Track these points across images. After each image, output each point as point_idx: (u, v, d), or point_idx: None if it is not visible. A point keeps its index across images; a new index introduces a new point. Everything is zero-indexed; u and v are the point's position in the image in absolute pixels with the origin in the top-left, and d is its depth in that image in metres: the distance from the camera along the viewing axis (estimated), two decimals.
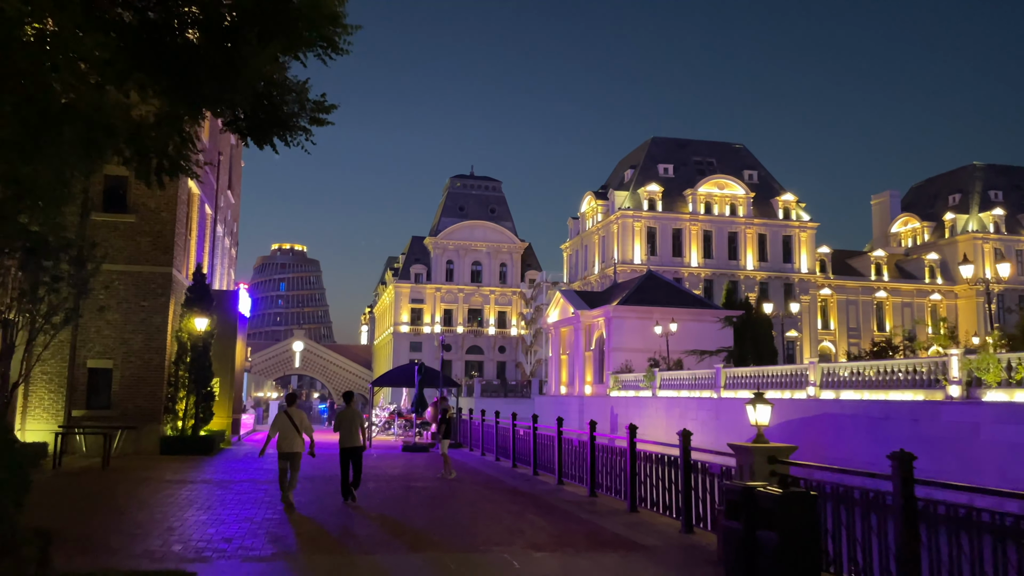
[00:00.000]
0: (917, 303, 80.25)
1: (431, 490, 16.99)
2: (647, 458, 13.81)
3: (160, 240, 24.72)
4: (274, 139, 9.71)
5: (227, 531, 11.37)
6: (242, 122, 9.77)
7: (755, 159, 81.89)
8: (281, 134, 9.61)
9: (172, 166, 8.87)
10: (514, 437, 22.48)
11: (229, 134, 37.04)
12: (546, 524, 12.60)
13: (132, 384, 24.19)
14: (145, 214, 24.69)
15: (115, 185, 24.58)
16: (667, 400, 39.08)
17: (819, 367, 28.13)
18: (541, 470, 20.04)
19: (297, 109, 9.76)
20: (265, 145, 9.79)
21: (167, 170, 8.94)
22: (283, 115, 9.53)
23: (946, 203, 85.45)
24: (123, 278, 24.31)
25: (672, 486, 12.76)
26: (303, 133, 9.66)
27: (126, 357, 24.24)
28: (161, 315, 24.55)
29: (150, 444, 24.02)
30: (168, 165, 8.80)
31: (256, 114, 9.37)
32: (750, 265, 75.08)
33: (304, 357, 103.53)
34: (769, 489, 8.21)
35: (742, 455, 10.16)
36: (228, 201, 37.80)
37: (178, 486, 16.49)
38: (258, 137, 9.72)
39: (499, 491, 16.96)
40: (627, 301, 48.66)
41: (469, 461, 24.26)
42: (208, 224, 31.85)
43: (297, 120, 9.69)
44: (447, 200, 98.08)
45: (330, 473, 18.09)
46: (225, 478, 18.23)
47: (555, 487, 17.52)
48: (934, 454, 22.83)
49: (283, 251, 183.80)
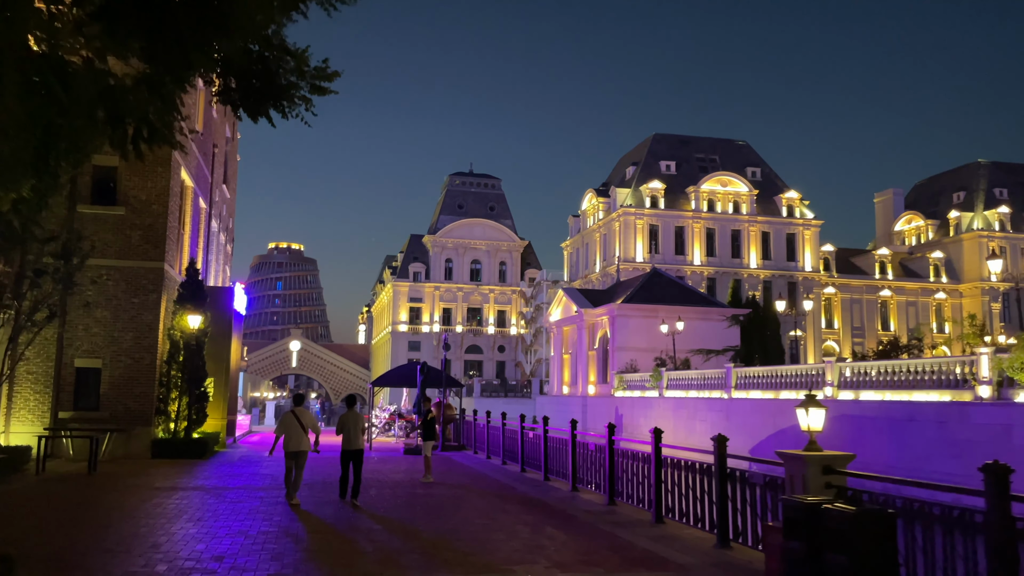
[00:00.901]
0: (922, 302, 79.34)
1: (438, 498, 15.93)
2: (675, 465, 12.77)
3: (151, 234, 23.63)
4: (270, 110, 8.62)
5: (219, 547, 10.31)
6: (234, 92, 8.68)
7: (758, 156, 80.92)
8: (278, 104, 8.54)
9: (152, 134, 7.78)
10: (523, 440, 21.42)
11: (225, 125, 35.99)
12: (567, 538, 11.55)
13: (122, 384, 23.10)
14: (136, 207, 23.59)
15: (104, 176, 23.49)
16: (675, 400, 38.06)
17: (836, 366, 27.12)
18: (552, 475, 19.01)
19: (295, 78, 8.70)
20: (260, 117, 8.71)
21: (146, 138, 7.86)
22: (280, 83, 8.45)
23: (951, 201, 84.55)
24: (112, 273, 23.22)
25: (704, 496, 11.71)
26: (303, 103, 8.58)
27: (115, 356, 23.14)
28: (152, 312, 23.45)
29: (141, 447, 22.94)
30: (147, 133, 7.71)
31: (249, 81, 8.30)
32: (753, 263, 74.09)
33: (301, 357, 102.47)
34: (839, 506, 7.15)
35: (793, 464, 9.11)
36: (223, 196, 36.70)
37: (167, 494, 15.41)
38: (252, 108, 8.65)
39: (511, 499, 15.90)
40: (632, 299, 47.63)
41: (475, 465, 23.20)
42: (202, 219, 30.76)
43: (296, 89, 8.60)
44: (446, 198, 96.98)
45: (330, 479, 17.08)
46: (218, 484, 17.15)
47: (569, 494, 16.48)
48: (962, 458, 21.81)
49: (280, 250, 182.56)
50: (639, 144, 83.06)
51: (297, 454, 14.17)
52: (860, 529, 6.85)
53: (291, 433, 14.13)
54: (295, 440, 14.10)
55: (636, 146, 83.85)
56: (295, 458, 14.18)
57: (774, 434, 29.76)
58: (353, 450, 14.64)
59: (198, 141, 28.31)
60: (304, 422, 14.22)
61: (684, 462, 12.62)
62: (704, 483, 11.77)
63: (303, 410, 14.48)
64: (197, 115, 28.33)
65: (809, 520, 7.33)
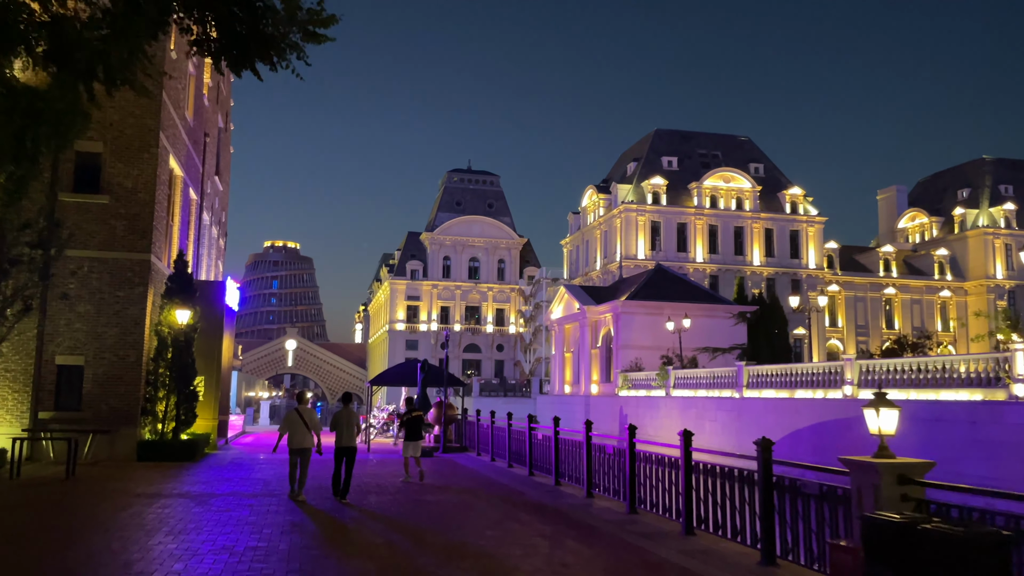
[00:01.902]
0: (927, 300, 78.27)
1: (444, 505, 14.70)
2: (707, 471, 11.54)
3: (137, 224, 22.34)
4: (256, 62, 7.37)
5: (199, 567, 9.07)
6: (214, 41, 7.43)
7: (761, 152, 79.78)
8: (265, 54, 7.28)
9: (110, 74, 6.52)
10: (531, 441, 20.19)
11: (217, 115, 34.69)
12: (592, 553, 10.34)
13: (106, 383, 21.82)
14: (121, 195, 22.31)
15: (87, 162, 22.21)
16: (682, 400, 36.86)
17: (857, 364, 25.94)
18: (564, 479, 17.79)
19: (283, 29, 7.45)
20: (245, 70, 7.45)
21: (103, 78, 6.61)
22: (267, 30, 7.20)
23: (955, 198, 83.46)
24: (96, 265, 21.94)
25: (745, 507, 10.48)
26: (294, 51, 7.33)
27: (99, 353, 21.86)
28: (138, 306, 22.17)
29: (126, 449, 21.67)
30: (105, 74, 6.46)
31: (231, 26, 7.04)
32: (756, 260, 72.96)
33: (297, 356, 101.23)
34: (940, 526, 5.94)
35: (862, 473, 7.89)
36: (216, 188, 35.41)
37: (148, 501, 14.15)
38: (236, 59, 7.41)
39: (522, 506, 14.67)
40: (636, 296, 46.42)
41: (479, 468, 21.96)
42: (193, 211, 29.48)
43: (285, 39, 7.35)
44: (444, 195, 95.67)
45: (324, 484, 15.81)
46: (205, 491, 15.89)
47: (584, 500, 15.26)
48: (996, 459, 20.65)
49: (276, 248, 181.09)
50: (640, 140, 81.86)
51: (301, 451, 14.46)
52: (970, 556, 5.64)
53: (295, 431, 14.42)
54: (299, 438, 14.40)
55: (637, 142, 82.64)
56: (300, 455, 14.45)
57: (789, 435, 28.57)
58: (347, 447, 14.80)
59: (187, 128, 27.04)
60: (307, 420, 14.49)
61: (720, 468, 11.40)
62: (744, 493, 10.55)
63: (307, 408, 14.74)
64: (187, 101, 27.08)
65: (900, 542, 6.12)
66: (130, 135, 22.44)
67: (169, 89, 23.45)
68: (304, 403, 15.00)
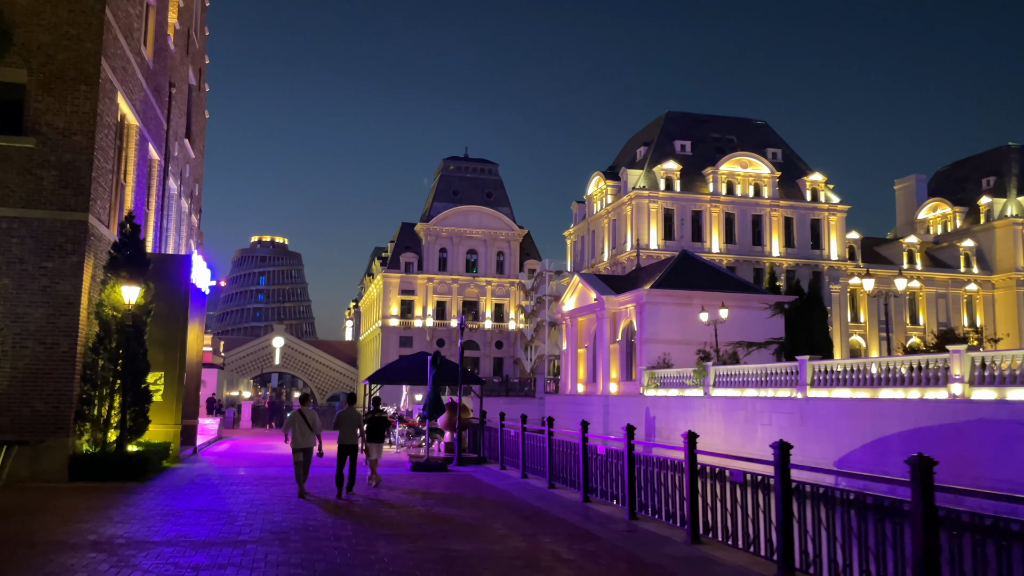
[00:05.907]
0: (952, 294, 73.92)
1: (484, 557, 9.80)
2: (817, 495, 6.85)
3: (71, 174, 17.32)
4: None
5: None
6: None
7: (779, 137, 75.24)
8: None
9: None
10: (585, 454, 15.33)
11: (187, 67, 29.64)
12: None
13: (28, 379, 16.81)
14: (51, 137, 17.29)
15: (6, 95, 17.21)
16: (725, 400, 32.10)
17: (968, 356, 21.21)
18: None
19: None
20: None
21: None
22: None
23: (979, 187, 79.12)
24: (16, 227, 16.95)
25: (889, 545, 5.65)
26: None
27: (19, 340, 16.85)
28: (72, 281, 17.17)
29: (54, 465, 16.70)
30: None
31: None
32: (776, 251, 68.39)
33: (285, 354, 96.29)
34: None
35: None
36: (186, 153, 30.40)
37: (40, 560, 9.21)
38: None
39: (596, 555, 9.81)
40: (662, 284, 41.61)
41: (513, 489, 17.05)
42: (155, 173, 24.48)
43: None
44: (440, 184, 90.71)
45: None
46: (136, 535, 10.94)
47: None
48: None
49: (263, 244, 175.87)
50: (650, 123, 77.18)
51: (306, 450, 15.17)
52: None
53: (300, 431, 15.15)
54: (304, 438, 15.15)
55: (647, 125, 77.94)
56: (302, 453, 15.13)
57: (871, 443, 23.83)
58: (349, 444, 15.64)
59: (145, 69, 22.03)
60: (311, 422, 15.21)
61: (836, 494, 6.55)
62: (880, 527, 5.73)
63: (310, 410, 15.50)
64: (145, 35, 22.08)
65: None
66: (63, 61, 17.44)
67: (115, 7, 18.46)
68: (307, 405, 15.71)
